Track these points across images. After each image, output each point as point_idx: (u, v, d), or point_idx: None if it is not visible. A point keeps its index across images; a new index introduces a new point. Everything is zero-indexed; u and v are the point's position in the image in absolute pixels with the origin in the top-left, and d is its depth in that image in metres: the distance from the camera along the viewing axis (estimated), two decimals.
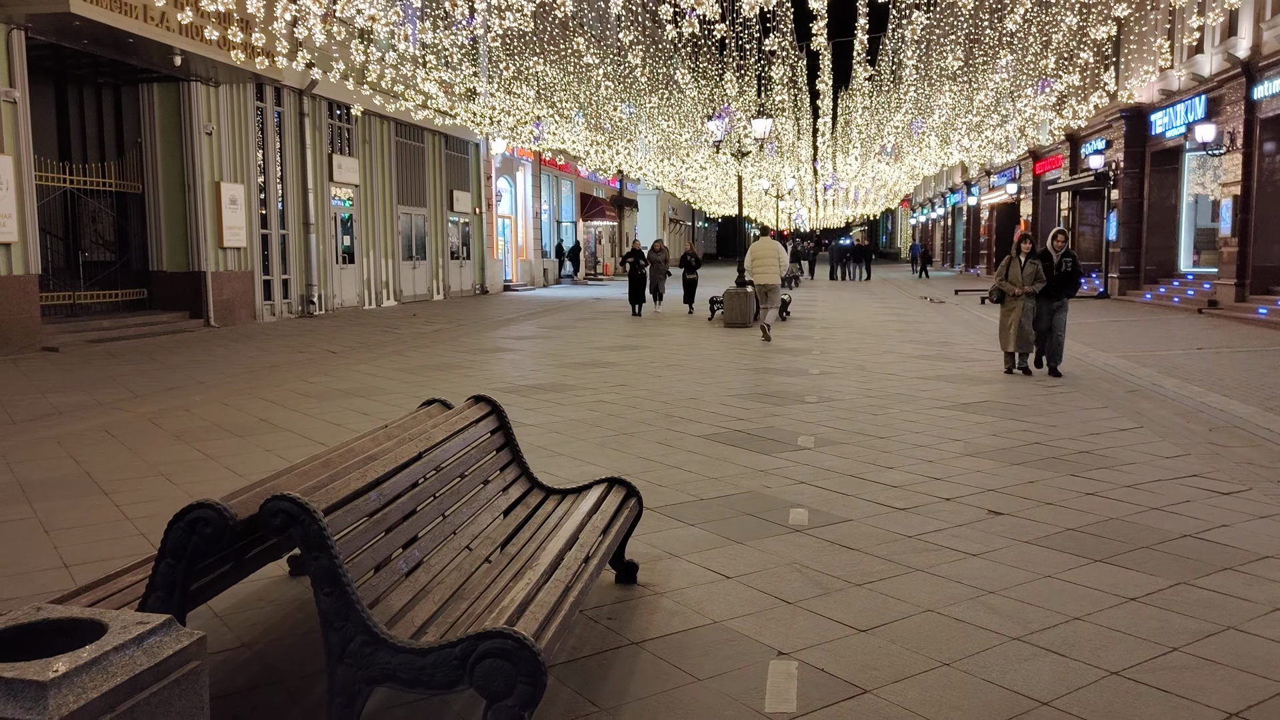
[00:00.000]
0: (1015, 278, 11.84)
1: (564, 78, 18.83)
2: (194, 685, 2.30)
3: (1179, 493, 6.25)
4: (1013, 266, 11.90)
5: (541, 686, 2.80)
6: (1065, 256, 11.97)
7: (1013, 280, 11.86)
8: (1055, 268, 11.87)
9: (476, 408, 4.48)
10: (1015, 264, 11.88)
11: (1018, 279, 11.82)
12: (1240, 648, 3.85)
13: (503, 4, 10.42)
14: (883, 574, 4.73)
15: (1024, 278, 11.77)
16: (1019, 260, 11.86)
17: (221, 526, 2.83)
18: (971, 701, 3.41)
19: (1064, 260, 11.93)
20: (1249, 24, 19.89)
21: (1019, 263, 11.86)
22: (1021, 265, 11.83)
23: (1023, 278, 11.78)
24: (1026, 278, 11.76)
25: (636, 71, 17.09)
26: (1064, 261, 11.93)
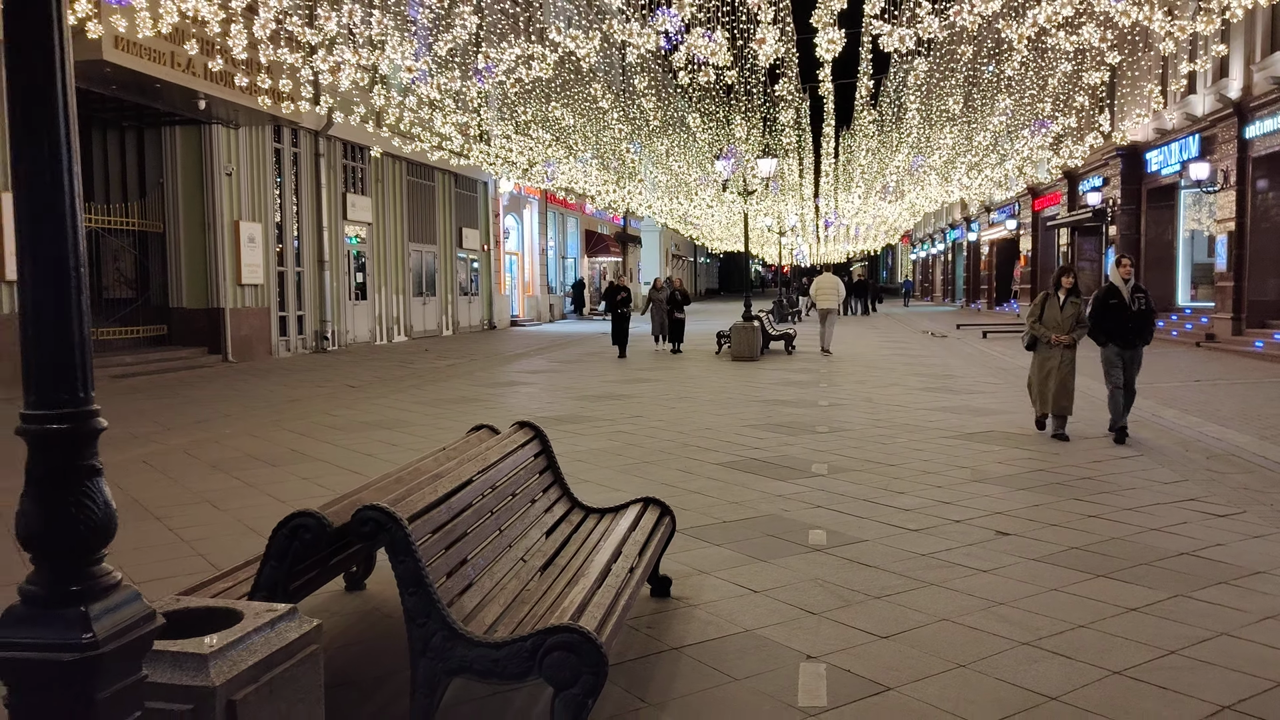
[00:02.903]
0: (1053, 320, 9.61)
1: (578, 121, 19.38)
2: (314, 665, 2.65)
3: (1177, 515, 6.58)
4: (1050, 306, 9.69)
5: (603, 676, 3.13)
6: (1137, 291, 9.43)
7: (1049, 323, 9.63)
8: (1128, 304, 9.37)
9: (522, 433, 4.84)
10: (1054, 303, 9.67)
11: (1056, 322, 9.58)
12: (1233, 651, 4.18)
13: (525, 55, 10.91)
14: (899, 588, 5.05)
15: (1064, 320, 9.54)
16: (1058, 299, 9.65)
17: (320, 533, 3.18)
18: (986, 697, 3.73)
19: (1136, 296, 9.38)
20: (1240, 66, 20.47)
21: (1058, 301, 9.64)
22: (1061, 305, 9.61)
23: (1063, 320, 9.55)
24: (1067, 321, 9.53)
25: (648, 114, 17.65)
26: (1136, 298, 9.36)
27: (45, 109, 1.92)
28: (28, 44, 1.92)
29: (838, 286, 22.41)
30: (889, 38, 9.14)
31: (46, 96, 1.92)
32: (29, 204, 1.91)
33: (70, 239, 1.93)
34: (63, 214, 1.92)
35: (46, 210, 1.91)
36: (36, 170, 1.91)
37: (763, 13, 9.11)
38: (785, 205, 38.11)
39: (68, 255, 1.92)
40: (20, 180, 1.92)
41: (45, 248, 1.91)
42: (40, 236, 1.91)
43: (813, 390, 14.21)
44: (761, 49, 9.16)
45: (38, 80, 1.92)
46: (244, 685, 2.35)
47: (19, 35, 1.92)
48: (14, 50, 1.93)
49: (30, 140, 1.91)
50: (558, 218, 41.67)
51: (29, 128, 1.91)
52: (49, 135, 1.92)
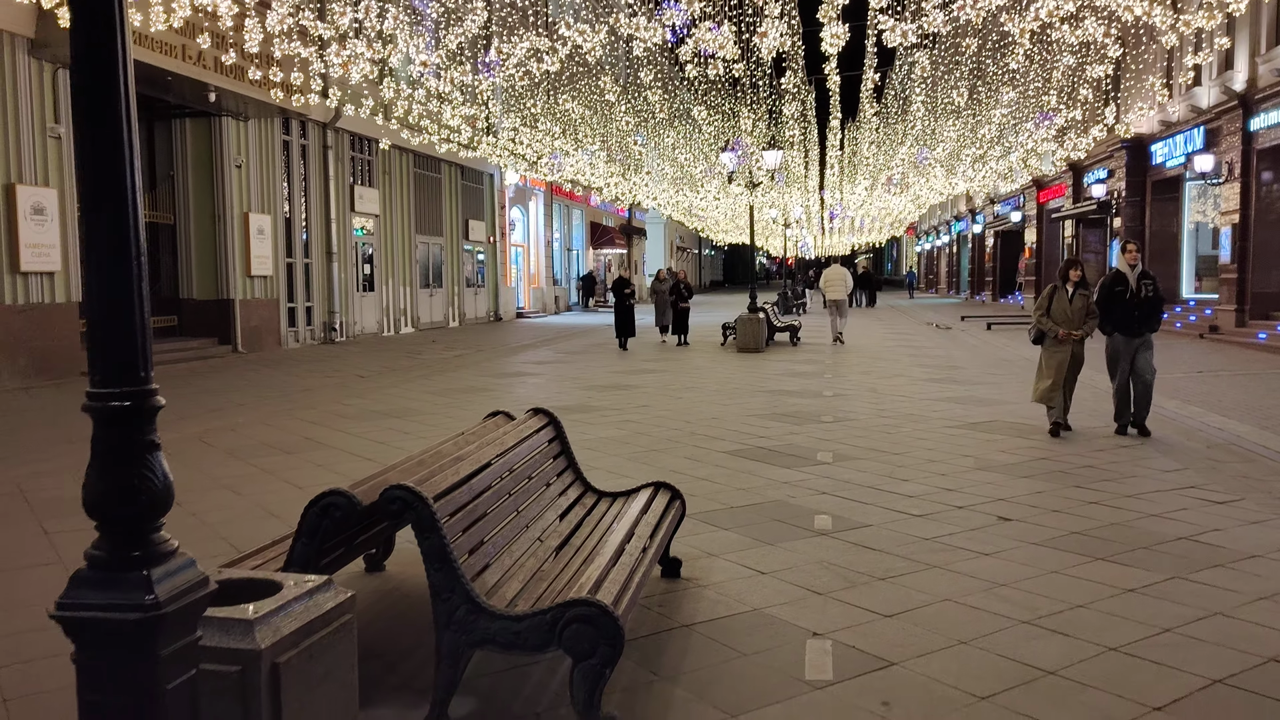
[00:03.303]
0: (1061, 313, 9.32)
1: (585, 113, 19.50)
2: (348, 633, 2.80)
3: (1177, 502, 6.71)
4: (1058, 299, 9.38)
5: (620, 648, 3.28)
6: (1144, 278, 9.25)
7: (1057, 316, 9.32)
8: (1133, 293, 9.19)
9: (536, 419, 4.99)
10: (1061, 295, 9.37)
11: (1065, 315, 9.29)
12: (1226, 629, 4.32)
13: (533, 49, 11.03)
14: (903, 570, 5.20)
15: (1073, 314, 9.27)
16: (1066, 290, 9.37)
17: (350, 511, 3.34)
18: (987, 671, 3.88)
19: (1143, 284, 9.21)
20: (1244, 58, 20.51)
21: (1066, 294, 9.36)
22: (1070, 298, 9.33)
23: (1071, 313, 9.28)
24: (1076, 314, 9.27)
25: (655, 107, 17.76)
26: (1143, 285, 9.20)
27: (108, 106, 2.06)
28: (90, 44, 2.06)
29: (846, 278, 23.00)
30: (892, 33, 9.25)
31: (109, 93, 2.06)
32: (93, 197, 2.05)
33: (131, 229, 2.07)
34: (124, 205, 2.06)
35: (109, 202, 2.05)
36: (99, 164, 2.05)
37: (769, 7, 9.23)
38: (790, 197, 38.19)
39: (129, 244, 2.06)
40: (84, 174, 2.06)
41: (108, 237, 2.05)
42: (103, 227, 2.05)
43: (818, 381, 14.34)
44: (764, 42, 9.27)
45: (100, 77, 2.06)
46: (286, 649, 2.50)
47: (83, 36, 2.06)
48: (79, 49, 2.07)
49: (93, 135, 2.05)
50: (563, 210, 41.78)
51: (91, 122, 2.05)
52: (111, 130, 2.06)
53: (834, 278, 22.89)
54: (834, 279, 22.83)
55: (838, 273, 23.09)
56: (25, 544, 5.94)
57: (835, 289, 22.53)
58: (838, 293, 22.43)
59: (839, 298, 22.43)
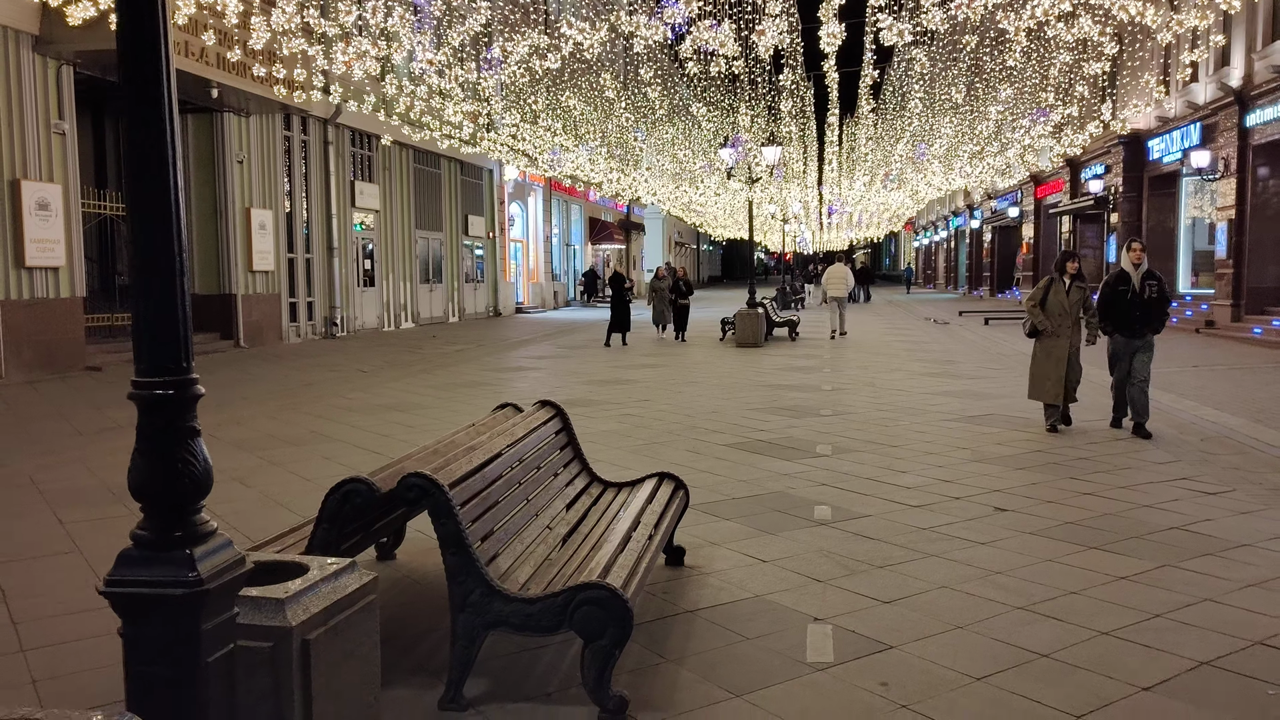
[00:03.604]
0: (1058, 305, 9.22)
1: (585, 110, 19.60)
2: (371, 613, 2.94)
3: (1169, 493, 6.85)
4: (1054, 291, 9.26)
5: (629, 629, 3.42)
6: (1149, 279, 9.03)
7: (1053, 309, 9.24)
8: (1135, 293, 9.00)
9: (544, 411, 5.11)
10: (1058, 288, 9.25)
11: (1061, 307, 9.21)
12: (1214, 614, 4.45)
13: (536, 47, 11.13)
14: (901, 559, 5.33)
15: (1070, 306, 9.21)
16: (1063, 283, 9.25)
17: (370, 497, 3.46)
18: (982, 654, 4.01)
19: (1148, 284, 8.99)
20: (1241, 55, 20.63)
21: (1063, 286, 9.24)
22: (1066, 290, 9.22)
23: (1068, 306, 9.20)
24: (1073, 307, 9.21)
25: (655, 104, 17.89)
26: (1148, 286, 8.98)
27: (153, 113, 2.18)
28: (137, 59, 2.18)
29: (847, 276, 24.30)
30: (890, 31, 9.36)
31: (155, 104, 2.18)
32: (140, 204, 2.17)
33: (175, 232, 2.19)
34: (168, 211, 2.18)
35: (155, 208, 2.17)
36: (145, 175, 2.17)
37: (769, 5, 9.34)
38: (789, 192, 38.30)
39: (173, 245, 2.19)
40: (131, 183, 2.18)
41: (155, 240, 2.17)
42: (150, 230, 2.17)
43: (816, 375, 14.47)
44: (762, 40, 9.38)
45: (148, 89, 2.18)
46: (315, 627, 2.63)
47: (130, 53, 2.18)
48: (127, 65, 2.19)
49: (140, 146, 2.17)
50: (562, 205, 41.87)
51: (138, 135, 2.17)
52: (156, 142, 2.18)
53: (836, 276, 23.92)
54: (836, 277, 23.86)
55: (839, 271, 24.20)
56: (42, 534, 6.06)
57: (837, 287, 23.53)
58: (839, 290, 23.45)
59: (840, 295, 23.40)
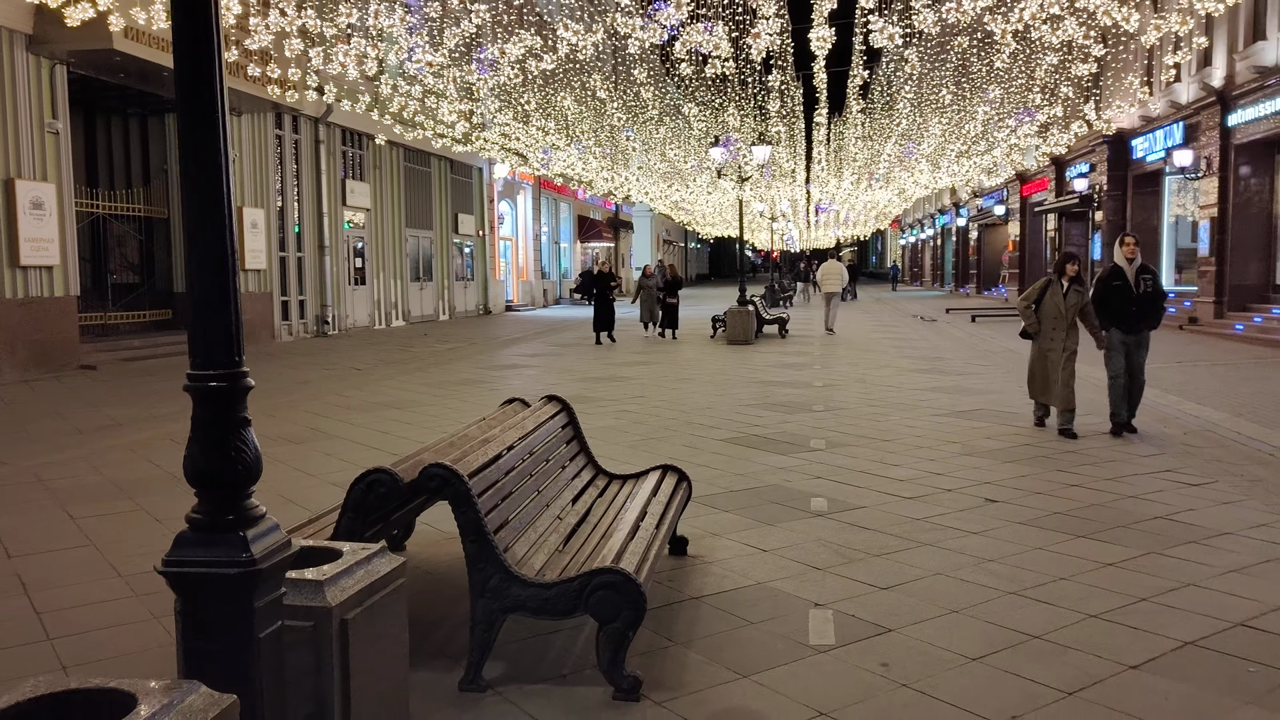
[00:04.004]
0: (1054, 308, 9.00)
1: (577, 109, 19.74)
2: (401, 595, 3.09)
3: (1154, 484, 7.05)
4: (1051, 293, 9.05)
5: (642, 612, 3.57)
6: (1143, 273, 8.88)
7: (1049, 311, 9.04)
8: (1132, 287, 8.83)
9: (550, 405, 5.27)
10: (1055, 290, 9.02)
11: (1058, 310, 8.98)
12: (1197, 598, 4.64)
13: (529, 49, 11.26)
14: (896, 548, 5.51)
15: (1066, 310, 8.95)
16: (1060, 285, 8.99)
17: (393, 487, 3.60)
18: (977, 636, 4.19)
19: (1142, 278, 8.85)
20: (1223, 55, 20.92)
21: (1060, 288, 8.99)
22: (1064, 293, 8.96)
23: (1065, 309, 8.95)
24: (1070, 310, 8.95)
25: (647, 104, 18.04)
26: (1142, 280, 8.84)
27: (209, 136, 2.32)
28: (193, 81, 2.32)
29: (841, 273, 24.89)
30: (880, 34, 9.54)
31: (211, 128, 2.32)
32: (198, 210, 2.32)
33: (228, 236, 2.34)
34: (223, 216, 2.33)
35: (210, 213, 2.32)
36: (203, 180, 2.31)
37: (762, 7, 9.50)
38: (778, 191, 38.52)
39: (226, 248, 2.33)
40: (190, 189, 2.33)
41: (210, 243, 2.32)
42: (206, 235, 2.31)
43: (807, 372, 14.66)
44: (756, 43, 9.54)
45: (203, 106, 2.32)
46: (352, 607, 2.77)
47: (187, 73, 2.32)
48: (183, 86, 2.33)
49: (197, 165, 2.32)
50: (551, 203, 41.98)
51: (195, 151, 2.32)
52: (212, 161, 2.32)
53: (830, 272, 24.69)
54: (830, 273, 24.64)
55: (834, 268, 24.90)
56: (53, 529, 6.17)
57: (831, 282, 24.31)
58: (833, 286, 24.18)
59: (834, 290, 24.08)
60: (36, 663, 4.01)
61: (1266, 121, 19.41)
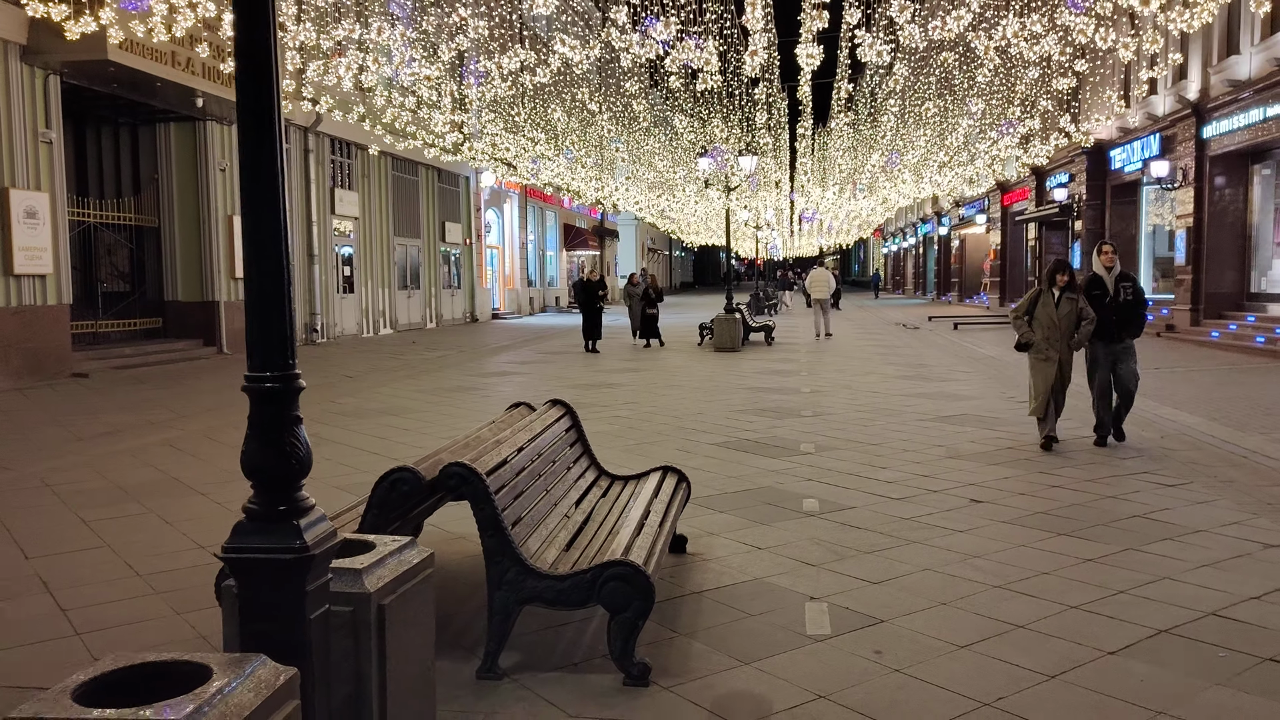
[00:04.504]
0: (1046, 318, 8.72)
1: (567, 120, 19.98)
2: (429, 585, 3.29)
3: (1131, 485, 7.33)
4: (1043, 303, 8.76)
5: (651, 601, 3.79)
6: (1122, 280, 8.81)
7: (1041, 322, 8.74)
8: (1111, 297, 8.75)
9: (555, 409, 5.47)
10: (1047, 300, 8.75)
11: (1051, 320, 8.69)
12: (1172, 590, 4.89)
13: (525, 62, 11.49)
14: (886, 545, 5.74)
15: (1060, 320, 8.67)
16: (1052, 295, 8.74)
17: (416, 485, 3.81)
18: (965, 625, 4.42)
19: (1121, 286, 8.78)
20: (1198, 68, 21.39)
21: (1052, 298, 8.73)
22: (1056, 302, 8.71)
23: (1058, 319, 8.68)
24: (1063, 320, 8.67)
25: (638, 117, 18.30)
26: (1121, 288, 8.77)
27: (268, 161, 2.53)
28: (253, 99, 2.53)
29: (829, 280, 25.91)
30: (867, 49, 9.82)
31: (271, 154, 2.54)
32: (255, 229, 2.53)
33: (283, 248, 2.55)
34: (278, 230, 2.54)
35: (268, 226, 2.53)
36: (261, 208, 2.53)
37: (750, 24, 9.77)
38: (763, 200, 38.89)
39: (282, 259, 2.54)
40: (250, 214, 2.54)
41: (267, 255, 2.53)
42: (264, 251, 2.53)
43: (794, 379, 14.92)
44: (752, 60, 9.81)
45: (263, 127, 2.53)
46: (387, 594, 2.97)
47: (247, 91, 2.54)
48: (244, 104, 2.54)
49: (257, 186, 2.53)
50: (537, 212, 42.19)
51: (256, 173, 2.53)
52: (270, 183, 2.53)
53: (819, 279, 25.60)
54: (819, 280, 25.56)
55: (822, 275, 25.84)
56: (67, 531, 6.32)
57: (820, 289, 25.28)
58: (822, 293, 25.13)
59: (823, 297, 25.06)
60: (71, 655, 4.18)
61: (1241, 133, 19.86)
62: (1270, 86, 18.37)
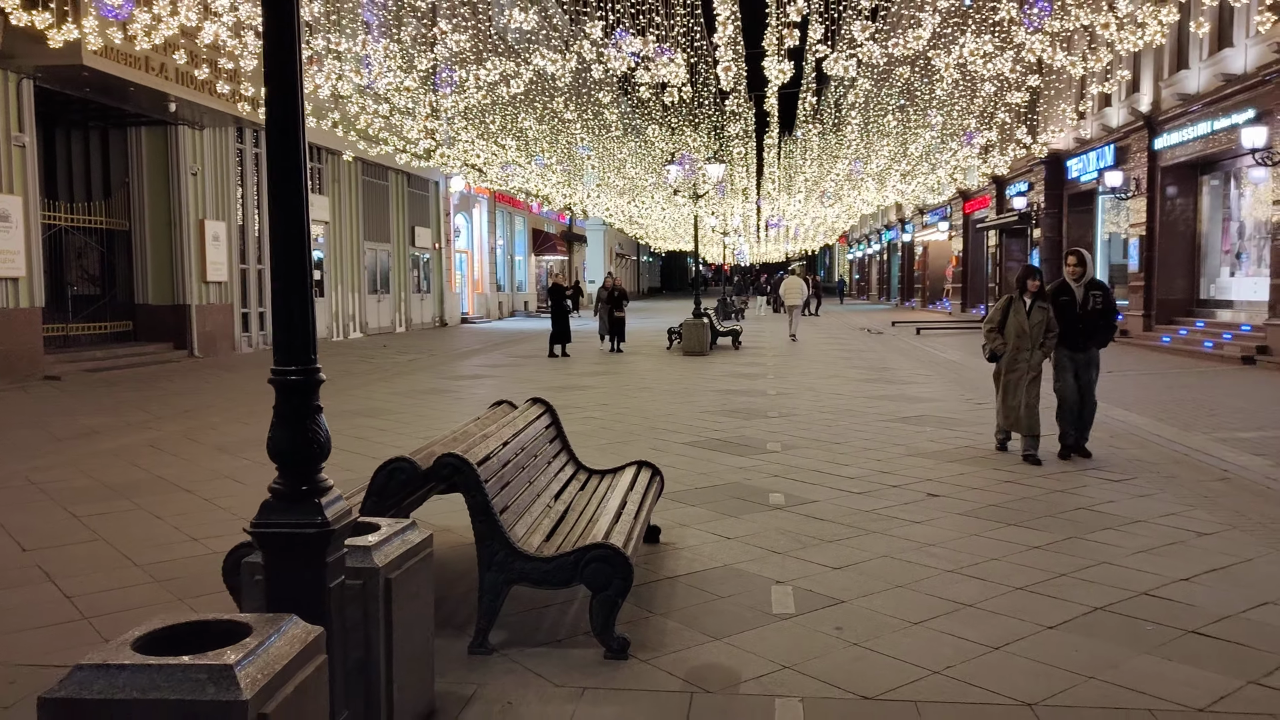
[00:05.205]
0: (1018, 328, 8.46)
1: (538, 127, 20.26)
2: (429, 563, 3.59)
3: (1079, 480, 7.75)
4: (1014, 311, 8.51)
5: (630, 581, 4.11)
6: (1093, 288, 8.54)
7: (1013, 331, 8.49)
8: (1079, 305, 8.49)
9: (536, 407, 5.78)
10: (1019, 308, 8.49)
11: (1022, 329, 8.44)
12: (1110, 573, 5.29)
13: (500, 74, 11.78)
14: (847, 535, 6.10)
15: (1031, 329, 8.42)
16: (1023, 303, 8.48)
17: (413, 473, 4.10)
18: (919, 605, 4.79)
19: (1091, 294, 8.50)
20: (1150, 82, 22.13)
21: (1023, 305, 8.47)
22: (1027, 310, 8.45)
23: (1029, 329, 8.42)
24: (1035, 329, 8.41)
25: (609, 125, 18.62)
26: (1091, 296, 8.49)
27: (293, 180, 2.83)
28: (280, 110, 2.82)
29: (801, 287, 27.98)
30: (834, 63, 10.22)
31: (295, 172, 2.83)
32: (283, 239, 2.82)
33: (306, 255, 2.85)
34: (303, 239, 2.83)
35: (293, 235, 2.82)
36: (286, 208, 2.82)
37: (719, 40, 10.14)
38: (731, 207, 39.38)
39: (305, 264, 2.84)
40: (276, 217, 2.83)
41: (293, 262, 2.82)
42: (290, 259, 2.82)
43: (761, 381, 15.30)
44: (726, 75, 10.18)
45: (289, 143, 2.82)
46: (394, 569, 3.27)
47: (275, 105, 2.83)
48: (273, 121, 2.83)
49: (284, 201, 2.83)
50: (506, 217, 42.41)
51: (282, 180, 2.82)
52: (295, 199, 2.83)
53: (792, 286, 27.57)
54: (792, 287, 27.53)
55: (794, 282, 27.84)
56: (60, 526, 6.52)
57: (793, 296, 27.18)
58: (795, 299, 27.07)
59: (795, 303, 27.00)
60: (82, 637, 4.42)
61: (1191, 145, 20.56)
62: (1218, 100, 19.08)
